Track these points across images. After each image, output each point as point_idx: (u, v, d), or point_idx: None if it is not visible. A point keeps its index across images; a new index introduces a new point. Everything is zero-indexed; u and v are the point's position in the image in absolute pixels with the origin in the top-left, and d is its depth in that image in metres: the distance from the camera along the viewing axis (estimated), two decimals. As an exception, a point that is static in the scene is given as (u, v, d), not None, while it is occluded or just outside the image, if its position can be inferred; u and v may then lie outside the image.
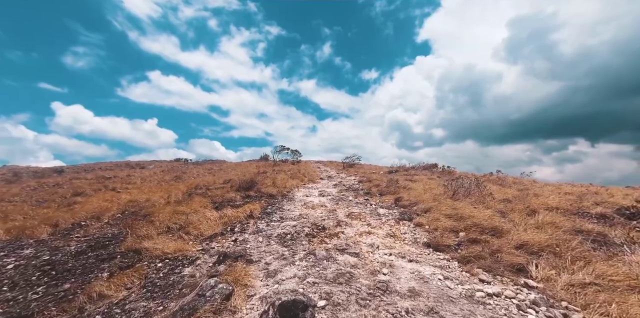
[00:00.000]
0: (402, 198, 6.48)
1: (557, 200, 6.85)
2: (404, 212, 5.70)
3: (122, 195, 9.24)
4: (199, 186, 10.41)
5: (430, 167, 15.48)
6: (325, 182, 11.67)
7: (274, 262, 3.29)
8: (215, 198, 7.37)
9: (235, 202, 7.11)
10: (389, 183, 8.28)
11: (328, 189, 9.01)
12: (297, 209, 6.20)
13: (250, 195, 7.74)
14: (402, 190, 7.79)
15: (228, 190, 8.67)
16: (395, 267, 3.25)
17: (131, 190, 10.67)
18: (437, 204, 5.84)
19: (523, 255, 3.25)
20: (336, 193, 8.29)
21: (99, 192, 10.62)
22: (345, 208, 6.20)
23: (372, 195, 7.81)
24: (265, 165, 23.63)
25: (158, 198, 8.10)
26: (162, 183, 13.45)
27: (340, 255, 3.57)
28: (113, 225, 4.93)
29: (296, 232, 4.28)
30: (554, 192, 9.79)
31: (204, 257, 3.29)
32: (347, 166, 19.60)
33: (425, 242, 4.00)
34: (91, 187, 11.58)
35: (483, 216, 4.72)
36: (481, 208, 5.75)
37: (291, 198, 7.57)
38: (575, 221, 5.37)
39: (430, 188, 8.41)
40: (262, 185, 8.52)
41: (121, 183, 12.77)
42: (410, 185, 8.41)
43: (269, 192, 7.89)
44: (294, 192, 8.53)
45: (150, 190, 10.41)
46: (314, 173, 15.10)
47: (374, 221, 5.16)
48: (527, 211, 6.09)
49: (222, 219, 4.94)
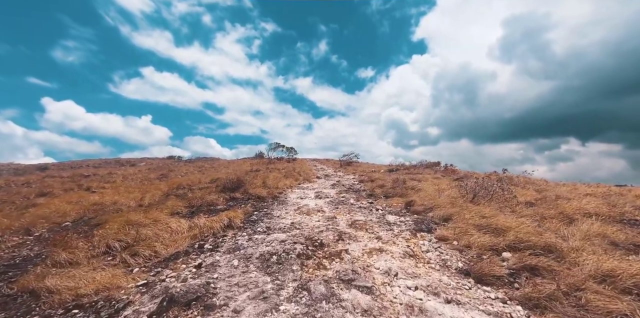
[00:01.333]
0: (414, 203, 5.38)
1: (592, 204, 5.81)
2: (419, 220, 4.60)
3: (93, 196, 8.02)
4: (182, 186, 9.22)
5: (432, 165, 14.45)
6: (322, 181, 10.55)
7: (247, 307, 2.16)
8: (194, 200, 6.20)
9: (216, 205, 5.95)
10: (395, 184, 7.19)
11: (325, 190, 7.88)
12: (289, 216, 5.06)
13: (236, 198, 6.58)
14: (411, 192, 6.70)
15: (212, 190, 7.50)
16: (428, 313, 2.14)
17: (106, 191, 9.43)
18: (459, 210, 4.75)
19: (617, 296, 2.17)
20: (335, 194, 7.18)
21: (69, 192, 9.36)
22: (346, 215, 5.08)
23: (377, 198, 6.71)
24: (260, 163, 22.43)
25: (129, 201, 6.90)
26: (145, 182, 12.22)
27: (345, 290, 2.44)
28: (42, 240, 3.72)
29: (285, 252, 3.14)
30: (572, 192, 8.79)
31: (140, 300, 2.14)
32: (344, 164, 18.51)
33: (461, 268, 2.90)
34: (63, 186, 10.31)
35: (525, 229, 3.63)
36: (512, 216, 4.67)
37: (283, 201, 6.43)
38: (628, 232, 4.33)
39: (442, 189, 7.33)
40: (251, 185, 7.36)
41: (98, 182, 11.50)
42: (418, 186, 7.32)
43: (257, 193, 6.74)
44: (287, 194, 7.39)
45: (127, 190, 9.19)
46: (309, 172, 13.96)
47: (384, 233, 4.05)
48: (561, 217, 5.06)
49: (191, 231, 3.79)
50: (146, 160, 32.91)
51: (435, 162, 14.48)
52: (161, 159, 33.90)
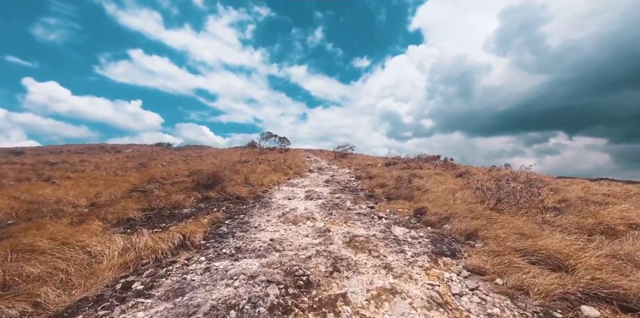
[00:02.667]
0: (426, 210, 4.28)
1: (634, 212, 4.84)
2: (435, 236, 3.52)
3: (45, 189, 6.71)
4: (154, 179, 7.95)
5: (431, 159, 13.43)
6: (314, 176, 9.40)
7: None
8: (157, 201, 4.99)
9: (182, 208, 4.75)
10: (398, 183, 6.09)
11: (318, 188, 6.74)
12: (270, 226, 3.91)
13: (210, 198, 5.38)
14: (417, 193, 5.61)
15: (186, 186, 6.29)
16: None
17: (67, 182, 8.11)
18: (485, 223, 3.67)
19: None
20: (328, 194, 6.05)
21: (22, 182, 8.01)
22: (343, 225, 3.96)
23: (377, 200, 5.60)
24: (251, 152, 21.12)
25: (81, 197, 5.64)
26: (119, 172, 10.88)
27: None
28: None
29: (251, 302, 2.02)
30: (587, 192, 7.88)
31: None
32: (339, 156, 17.37)
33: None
34: (19, 175, 8.91)
35: (591, 259, 2.57)
36: (552, 230, 3.63)
37: (267, 203, 5.26)
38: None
39: (451, 189, 6.27)
40: (230, 182, 6.15)
41: (64, 172, 10.11)
42: (424, 185, 6.24)
43: (236, 192, 5.54)
44: (273, 192, 6.23)
45: (90, 182, 7.88)
46: (302, 164, 12.79)
47: (394, 257, 2.95)
48: (602, 229, 4.07)
49: (123, 256, 2.62)
50: (133, 146, 31.18)
51: (434, 155, 13.45)
52: (149, 146, 32.20)
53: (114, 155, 15.22)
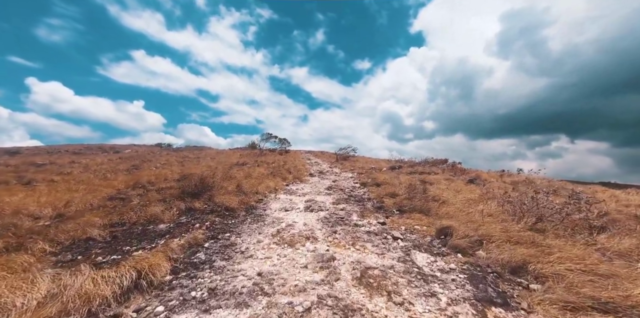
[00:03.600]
0: (451, 230, 3.46)
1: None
2: (471, 268, 2.70)
3: (16, 195, 5.93)
4: (140, 183, 7.16)
5: (438, 163, 12.60)
6: (315, 181, 8.59)
7: None
8: (130, 213, 4.18)
9: (157, 224, 3.94)
10: (411, 193, 5.26)
11: (319, 197, 5.92)
12: (261, 250, 3.09)
13: (194, 209, 4.56)
14: (434, 205, 4.78)
15: (172, 193, 5.49)
16: None
17: (44, 187, 7.32)
18: (535, 252, 2.84)
19: None
20: (331, 205, 5.23)
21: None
22: (351, 249, 3.15)
23: (388, 213, 4.77)
24: (250, 154, 20.35)
25: (47, 207, 4.84)
26: (108, 174, 10.09)
27: None
28: None
29: None
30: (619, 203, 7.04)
31: None
32: (340, 159, 16.55)
33: None
34: (-3, 178, 8.14)
35: None
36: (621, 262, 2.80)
37: (259, 217, 4.44)
38: None
39: (471, 199, 5.44)
40: (220, 190, 5.33)
41: (49, 174, 9.33)
42: (440, 195, 5.41)
43: (225, 203, 4.72)
44: (269, 202, 5.40)
45: (70, 187, 7.10)
46: (302, 168, 11.98)
47: (422, 305, 2.13)
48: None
49: (40, 311, 1.81)
50: (132, 147, 30.47)
51: (441, 159, 12.62)
52: (149, 147, 31.50)
53: (107, 156, 14.45)
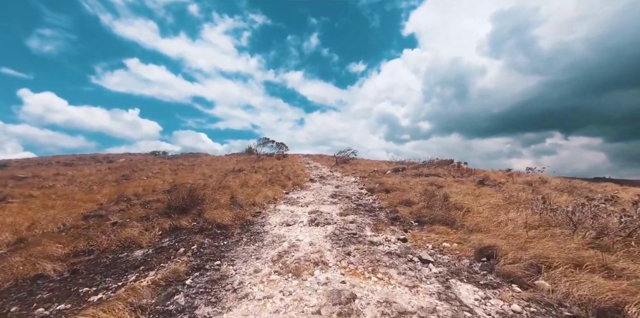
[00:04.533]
0: (494, 250, 2.77)
1: None
2: (544, 310, 2.02)
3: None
4: (125, 196, 6.40)
5: (444, 164, 11.97)
6: (317, 187, 7.88)
7: None
8: (102, 237, 3.45)
9: (133, 250, 3.20)
10: (430, 200, 4.57)
11: (324, 207, 5.21)
12: (259, 285, 2.38)
13: (180, 228, 3.83)
14: (458, 215, 4.10)
15: (158, 207, 4.76)
16: None
17: (17, 204, 6.53)
18: (627, 287, 2.18)
19: None
20: (339, 216, 4.53)
21: (-38, 206, 6.41)
22: (372, 280, 2.44)
23: (405, 225, 4.08)
24: (247, 159, 19.60)
25: (5, 231, 4.07)
26: (94, 186, 9.30)
27: None
28: None
29: None
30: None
31: None
32: (340, 162, 15.87)
33: None
34: (-34, 196, 7.31)
35: None
36: None
37: (257, 235, 3.72)
38: None
39: (495, 205, 4.77)
40: (211, 203, 4.59)
41: (29, 188, 8.51)
42: (460, 201, 4.73)
43: (217, 219, 3.99)
44: (267, 215, 4.68)
45: (45, 203, 6.32)
46: (301, 173, 11.27)
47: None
48: None
49: None
50: (127, 156, 29.56)
51: (446, 159, 11.99)
52: (144, 155, 30.61)
53: (96, 167, 13.62)
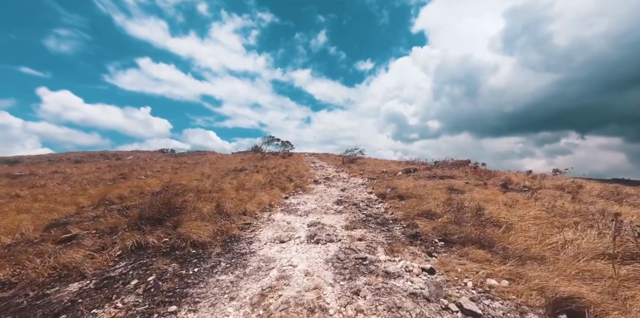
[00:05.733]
0: (579, 303, 1.87)
1: None
2: None
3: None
4: (108, 199, 5.71)
5: (460, 165, 10.92)
6: (321, 189, 7.03)
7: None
8: (33, 262, 2.69)
9: (69, 282, 2.40)
10: (457, 213, 3.65)
11: (327, 217, 4.35)
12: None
13: (145, 247, 3.05)
14: (496, 233, 3.18)
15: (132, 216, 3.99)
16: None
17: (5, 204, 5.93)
18: None
19: None
20: (344, 230, 3.67)
21: None
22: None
23: (428, 244, 3.18)
24: (252, 158, 18.92)
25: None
26: (88, 185, 8.72)
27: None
28: None
29: None
30: None
31: None
32: (347, 161, 14.97)
33: None
34: (-52, 196, 6.78)
35: None
36: None
37: (239, 258, 2.90)
38: None
39: (539, 219, 3.81)
40: (192, 213, 3.79)
41: (19, 187, 7.97)
42: (495, 214, 3.79)
43: (193, 235, 3.19)
44: (259, 227, 3.85)
45: (21, 207, 5.68)
46: (305, 173, 10.43)
47: None
48: None
49: None
50: (135, 153, 29.42)
51: (463, 160, 10.94)
52: (152, 152, 30.44)
53: (97, 165, 13.12)
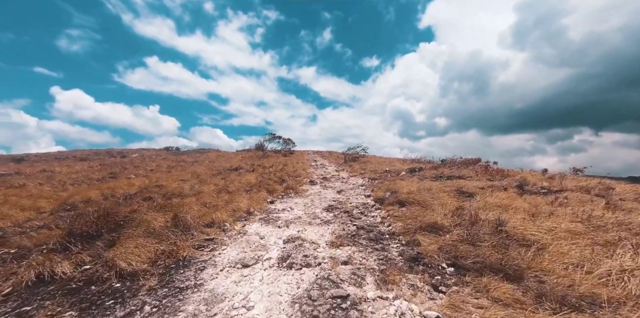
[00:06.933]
0: None
1: None
2: None
3: None
4: (70, 204, 5.05)
5: (469, 163, 9.91)
6: (315, 191, 6.22)
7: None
8: None
9: None
10: (471, 227, 2.78)
11: (310, 229, 3.53)
12: None
13: (52, 281, 2.31)
14: (525, 255, 2.32)
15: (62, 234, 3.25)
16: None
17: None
18: None
19: None
20: (327, 247, 2.86)
21: None
22: None
23: (433, 271, 2.34)
24: (253, 156, 18.24)
25: None
26: (72, 186, 8.15)
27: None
28: None
29: None
30: None
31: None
32: (349, 160, 14.09)
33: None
34: None
35: None
36: None
37: (175, 296, 2.11)
38: None
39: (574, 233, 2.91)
40: (136, 228, 3.03)
41: (-3, 188, 7.46)
42: (519, 227, 2.91)
43: (118, 262, 2.44)
44: (222, 245, 3.06)
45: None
46: (303, 172, 9.63)
47: None
48: None
49: None
50: (140, 151, 29.21)
51: (473, 158, 9.93)
52: (156, 150, 30.22)
53: (89, 163, 12.65)
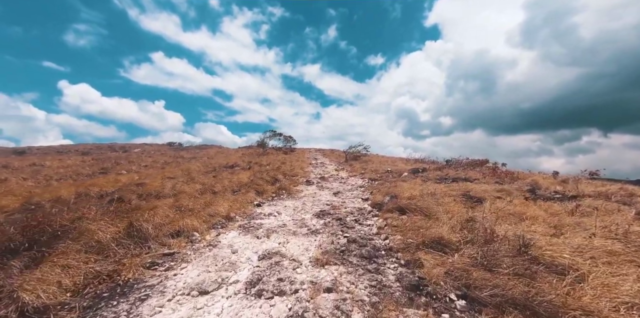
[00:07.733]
0: None
1: None
2: None
3: None
4: (34, 203, 4.58)
5: (476, 165, 9.25)
6: (310, 192, 5.67)
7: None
8: None
9: None
10: (485, 247, 2.20)
11: (294, 240, 2.99)
12: None
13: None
14: (560, 292, 1.75)
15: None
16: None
17: None
18: None
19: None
20: (310, 264, 2.31)
21: None
22: None
23: (441, 304, 1.80)
24: (253, 153, 17.73)
25: None
26: (55, 182, 7.73)
27: None
28: None
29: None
30: None
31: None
32: (350, 158, 13.50)
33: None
34: None
35: None
36: None
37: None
38: None
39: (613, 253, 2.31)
40: (78, 240, 2.52)
41: (-23, 183, 7.07)
42: (544, 247, 2.33)
43: (23, 296, 1.93)
44: (183, 262, 2.54)
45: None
46: (300, 171, 9.07)
47: None
48: None
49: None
50: (143, 146, 28.97)
51: (480, 160, 9.26)
52: (160, 145, 29.95)
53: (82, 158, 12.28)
